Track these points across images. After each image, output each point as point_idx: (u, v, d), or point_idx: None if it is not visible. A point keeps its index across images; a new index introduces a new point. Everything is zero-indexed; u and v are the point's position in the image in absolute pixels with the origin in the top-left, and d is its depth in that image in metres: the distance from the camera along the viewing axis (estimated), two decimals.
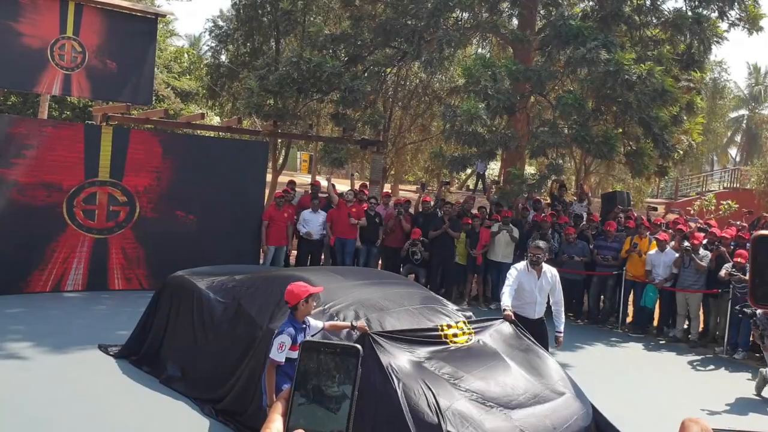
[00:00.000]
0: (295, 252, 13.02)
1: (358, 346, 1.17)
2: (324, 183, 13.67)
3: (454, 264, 12.57)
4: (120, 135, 11.53)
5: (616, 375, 9.11)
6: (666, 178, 20.75)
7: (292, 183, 13.74)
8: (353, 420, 1.13)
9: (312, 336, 5.00)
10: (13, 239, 10.46)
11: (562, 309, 7.37)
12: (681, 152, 13.51)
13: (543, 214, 13.22)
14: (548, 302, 7.44)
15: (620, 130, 13.22)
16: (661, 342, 11.34)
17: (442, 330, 5.75)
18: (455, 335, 5.77)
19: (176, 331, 7.21)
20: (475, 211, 13.50)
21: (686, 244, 11.15)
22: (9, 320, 9.08)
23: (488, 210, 13.62)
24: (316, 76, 13.41)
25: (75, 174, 11.03)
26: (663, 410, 7.64)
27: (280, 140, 20.34)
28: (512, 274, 7.15)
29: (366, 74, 14.30)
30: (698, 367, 10.03)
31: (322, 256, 12.75)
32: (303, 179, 30.57)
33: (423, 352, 5.40)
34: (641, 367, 9.72)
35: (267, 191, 16.67)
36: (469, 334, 5.90)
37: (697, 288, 11.01)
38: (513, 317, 6.42)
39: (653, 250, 11.54)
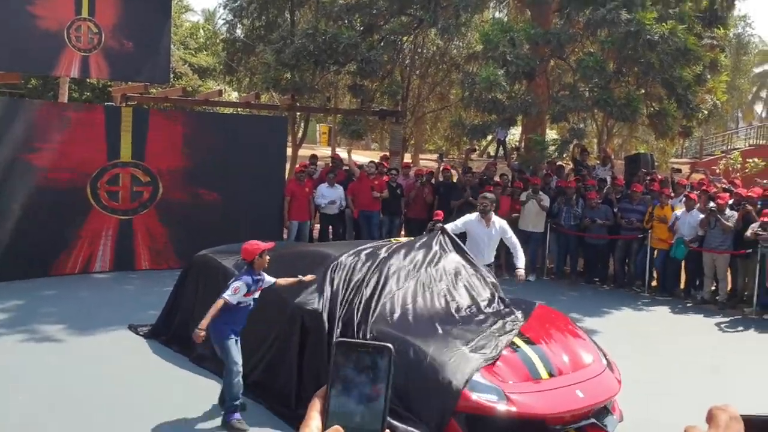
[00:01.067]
0: (318, 225, 13.05)
1: (389, 345, 1.16)
2: (344, 156, 13.64)
3: None
4: (140, 115, 11.56)
5: (644, 340, 9.05)
6: (690, 137, 20.41)
7: (313, 157, 13.71)
8: (386, 418, 1.13)
9: (263, 287, 5.78)
10: (39, 223, 10.57)
11: (519, 250, 8.11)
12: (705, 112, 13.25)
13: (567, 180, 13.10)
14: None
15: (642, 91, 13.00)
16: (688, 304, 11.24)
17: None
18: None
19: (204, 310, 7.26)
20: (497, 178, 13.41)
21: (711, 204, 11.00)
22: (40, 303, 9.23)
23: (510, 177, 13.51)
24: (332, 48, 13.30)
25: (97, 156, 11.10)
26: (693, 374, 7.61)
27: (298, 114, 20.30)
28: (463, 219, 8.15)
29: (382, 44, 14.14)
30: (727, 329, 9.94)
31: (344, 230, 12.77)
32: (323, 152, 30.55)
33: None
34: (669, 331, 9.66)
35: (288, 165, 16.67)
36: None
37: (724, 249, 10.88)
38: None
39: (680, 210, 11.39)
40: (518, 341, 5.77)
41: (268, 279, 5.82)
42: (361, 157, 30.00)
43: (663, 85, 12.29)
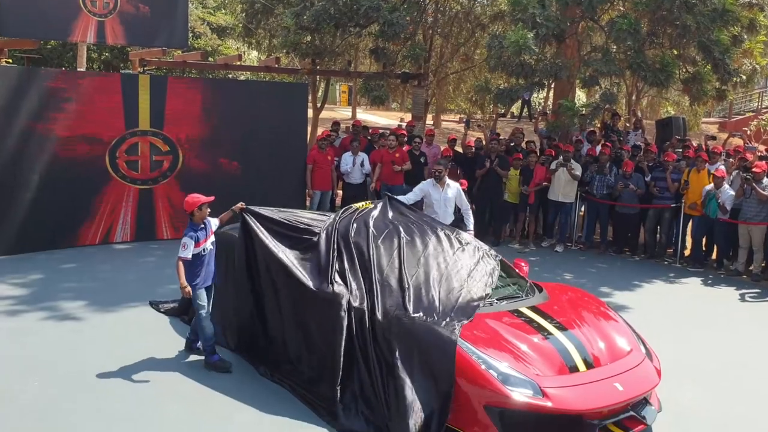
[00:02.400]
0: (340, 192, 12.81)
1: None
2: (363, 118, 13.30)
3: (503, 202, 12.20)
4: (157, 83, 11.30)
5: (677, 316, 8.78)
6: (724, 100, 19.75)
7: (336, 124, 13.39)
8: None
9: (213, 230, 6.37)
10: (59, 194, 10.45)
11: (470, 213, 8.76)
12: (744, 77, 12.69)
13: (598, 147, 12.70)
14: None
15: (676, 52, 12.47)
16: (721, 275, 10.95)
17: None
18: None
19: (230, 286, 7.03)
20: (523, 145, 13.03)
21: (747, 173, 10.60)
22: (60, 277, 9.13)
23: (539, 144, 13.14)
24: (353, 10, 12.87)
25: (115, 125, 10.90)
26: (731, 355, 7.35)
27: (319, 77, 19.91)
28: (419, 187, 8.95)
29: (405, 5, 13.66)
30: (761, 302, 9.65)
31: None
32: (343, 113, 30.16)
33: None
34: (703, 306, 9.37)
35: (309, 129, 16.38)
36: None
37: (760, 220, 10.50)
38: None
39: (709, 185, 10.99)
40: (550, 327, 5.53)
41: (213, 221, 6.45)
42: (383, 119, 29.64)
43: (699, 48, 11.75)
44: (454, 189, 8.95)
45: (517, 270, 6.80)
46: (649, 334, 6.24)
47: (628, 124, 16.17)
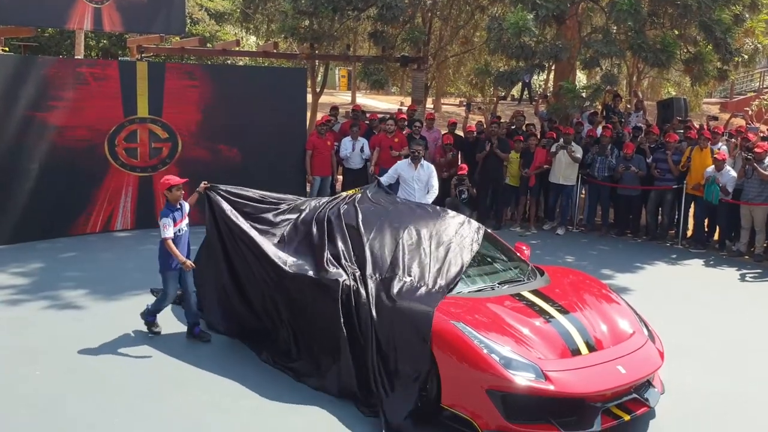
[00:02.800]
0: (341, 177, 12.77)
1: None
2: (363, 102, 13.24)
3: (504, 185, 12.15)
4: (155, 70, 11.23)
5: (680, 297, 8.77)
6: (725, 81, 19.61)
7: (334, 109, 13.31)
8: None
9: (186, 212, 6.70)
10: (58, 182, 10.42)
11: (435, 191, 9.20)
12: (745, 56, 12.59)
13: (599, 128, 12.63)
14: None
15: (677, 32, 12.37)
16: (723, 256, 10.92)
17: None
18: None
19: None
20: (524, 127, 12.96)
21: (748, 154, 10.55)
22: (62, 265, 9.13)
23: (539, 127, 13.06)
24: None
25: (114, 113, 10.85)
26: (733, 336, 7.34)
27: (317, 62, 19.81)
28: (394, 167, 9.43)
29: None
30: (763, 282, 9.63)
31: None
32: (343, 98, 30.04)
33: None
34: (705, 287, 9.35)
35: (308, 114, 16.31)
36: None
37: (761, 200, 10.46)
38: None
39: (710, 167, 10.93)
40: (552, 311, 5.51)
41: (186, 204, 6.78)
42: (383, 103, 29.53)
43: (700, 27, 11.65)
44: (427, 170, 9.36)
45: (518, 254, 6.77)
46: (651, 315, 6.23)
47: (629, 106, 16.07)
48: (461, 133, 13.05)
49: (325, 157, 11.97)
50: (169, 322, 7.17)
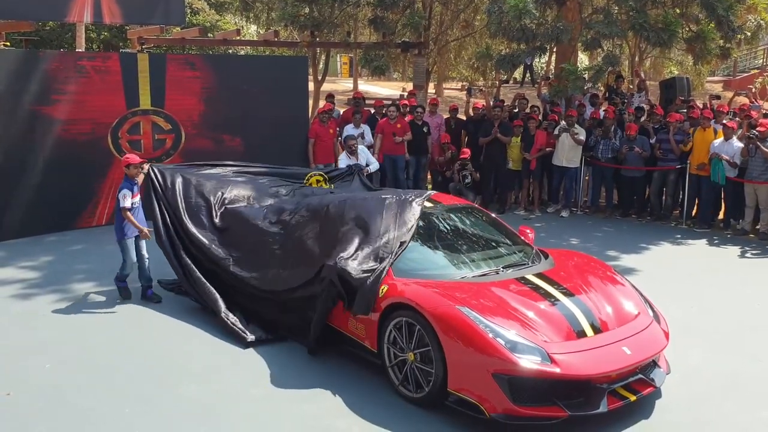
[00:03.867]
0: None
1: None
2: (365, 89, 13.22)
3: (507, 170, 12.16)
4: (156, 61, 11.24)
5: (685, 277, 8.79)
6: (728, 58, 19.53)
7: (330, 97, 13.26)
8: None
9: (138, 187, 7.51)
10: (63, 176, 10.46)
11: (374, 164, 10.92)
12: (748, 33, 12.52)
13: (601, 110, 12.59)
14: None
15: (678, 11, 12.30)
16: (728, 235, 10.93)
17: None
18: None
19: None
20: (528, 110, 12.93)
21: (753, 132, 10.52)
22: (70, 258, 9.20)
23: (541, 109, 13.02)
24: None
25: (116, 105, 10.88)
26: (738, 315, 7.36)
27: (318, 49, 19.75)
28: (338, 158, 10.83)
29: None
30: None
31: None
32: (345, 85, 29.98)
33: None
34: (710, 267, 9.36)
35: (310, 102, 16.30)
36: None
37: (765, 179, 10.44)
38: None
39: (718, 140, 10.93)
40: (557, 294, 5.54)
41: (139, 182, 7.54)
42: (385, 90, 29.45)
43: (702, 5, 11.59)
44: (363, 155, 10.78)
45: (522, 237, 6.80)
46: (656, 295, 6.26)
47: (631, 86, 16.02)
48: (463, 117, 13.06)
49: (328, 145, 11.97)
50: (176, 312, 7.24)
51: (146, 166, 7.63)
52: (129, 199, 7.29)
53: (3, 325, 6.92)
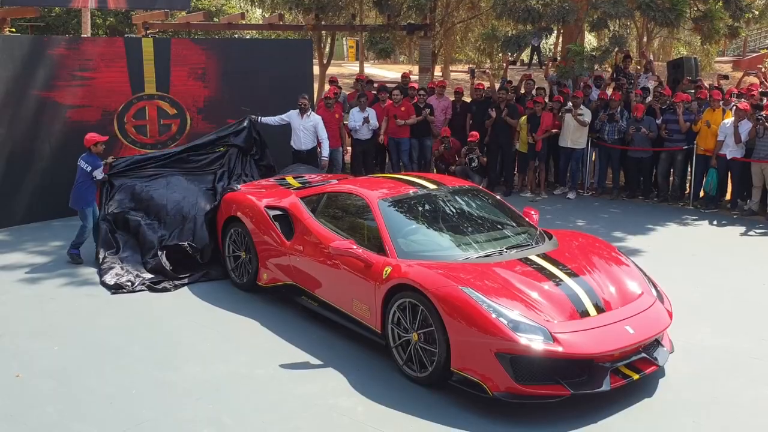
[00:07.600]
0: (350, 149, 12.78)
1: None
2: (371, 72, 13.20)
3: (514, 152, 12.12)
4: (161, 46, 11.24)
5: (691, 258, 8.78)
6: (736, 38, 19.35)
7: (333, 81, 13.22)
8: None
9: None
10: (69, 161, 10.42)
11: (326, 143, 10.76)
12: (756, 12, 12.41)
13: (605, 90, 12.52)
14: None
15: None
16: (735, 216, 10.89)
17: None
18: None
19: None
20: (534, 92, 12.86)
21: (762, 113, 10.46)
22: (84, 245, 9.23)
23: (548, 91, 12.94)
24: None
25: (121, 90, 10.89)
26: (744, 295, 7.35)
27: (324, 32, 19.69)
28: (287, 113, 10.74)
29: None
30: None
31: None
32: (351, 68, 29.88)
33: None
34: (717, 247, 9.36)
35: (316, 86, 16.26)
36: None
37: None
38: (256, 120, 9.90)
39: (728, 119, 10.86)
40: (560, 274, 5.55)
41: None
42: (391, 72, 29.34)
43: None
44: (313, 119, 10.79)
45: (526, 218, 6.80)
46: (661, 276, 6.26)
47: (639, 67, 15.91)
48: (468, 99, 13.02)
49: (334, 129, 11.94)
50: (182, 297, 7.29)
51: (110, 159, 8.69)
52: (101, 172, 8.25)
53: (12, 308, 7.00)
